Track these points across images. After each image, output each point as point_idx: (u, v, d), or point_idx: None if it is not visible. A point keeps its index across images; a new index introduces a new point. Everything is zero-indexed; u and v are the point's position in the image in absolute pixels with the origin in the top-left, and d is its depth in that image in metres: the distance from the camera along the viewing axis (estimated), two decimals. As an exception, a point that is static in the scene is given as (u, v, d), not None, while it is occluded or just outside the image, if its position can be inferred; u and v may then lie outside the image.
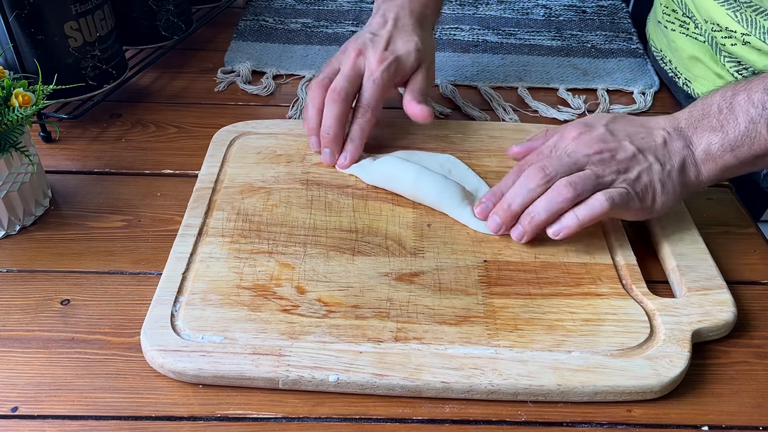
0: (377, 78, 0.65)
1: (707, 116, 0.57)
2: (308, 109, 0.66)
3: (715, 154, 0.56)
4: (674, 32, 0.84)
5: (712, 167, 0.56)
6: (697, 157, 0.56)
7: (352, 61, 0.66)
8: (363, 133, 0.66)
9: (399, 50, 0.67)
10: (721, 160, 0.56)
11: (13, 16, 0.67)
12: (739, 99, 0.56)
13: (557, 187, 0.55)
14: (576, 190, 0.54)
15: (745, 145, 0.55)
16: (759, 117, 0.54)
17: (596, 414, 0.47)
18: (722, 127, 0.56)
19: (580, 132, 0.59)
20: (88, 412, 0.46)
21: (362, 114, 0.65)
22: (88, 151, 0.72)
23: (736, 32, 0.73)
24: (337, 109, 0.64)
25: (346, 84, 0.65)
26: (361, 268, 0.55)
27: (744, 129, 0.55)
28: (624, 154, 0.56)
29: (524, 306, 0.53)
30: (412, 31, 0.69)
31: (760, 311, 0.55)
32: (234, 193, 0.63)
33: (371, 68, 0.66)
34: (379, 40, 0.67)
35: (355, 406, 0.47)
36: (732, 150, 0.55)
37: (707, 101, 0.58)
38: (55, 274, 0.57)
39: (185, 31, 0.88)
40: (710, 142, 0.56)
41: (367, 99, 0.66)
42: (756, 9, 0.70)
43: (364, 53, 0.67)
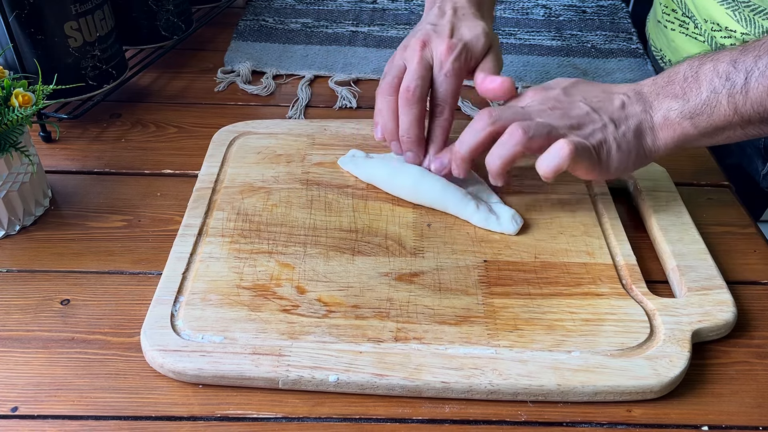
0: (449, 70, 0.61)
1: (671, 83, 0.56)
2: (382, 114, 0.63)
3: (673, 120, 0.55)
4: (674, 32, 0.84)
5: (669, 134, 0.56)
6: (655, 121, 0.56)
7: (418, 55, 0.61)
8: (444, 132, 0.63)
9: (466, 36, 0.63)
10: (680, 127, 0.55)
11: (13, 16, 0.67)
12: (705, 68, 0.55)
13: (509, 131, 0.54)
14: (527, 132, 0.53)
15: (704, 114, 0.54)
16: (722, 87, 0.53)
17: (596, 414, 0.47)
18: (684, 94, 0.55)
19: (535, 92, 0.58)
20: (88, 412, 0.46)
21: (440, 113, 0.62)
22: (88, 151, 0.72)
23: (735, 32, 0.73)
24: (415, 111, 0.61)
25: (418, 82, 0.61)
26: (361, 268, 0.55)
27: (705, 98, 0.54)
28: (577, 111, 0.56)
29: (524, 306, 0.53)
30: (473, 17, 0.65)
31: (760, 311, 0.55)
32: (234, 193, 0.63)
33: (441, 59, 0.62)
34: (442, 29, 0.63)
35: (355, 406, 0.47)
36: (691, 118, 0.55)
37: (674, 69, 0.57)
38: (55, 274, 0.57)
39: (185, 31, 0.88)
40: (670, 108, 0.55)
41: (443, 95, 0.62)
42: (755, 9, 0.70)
43: (429, 44, 0.62)
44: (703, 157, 0.73)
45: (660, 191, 0.64)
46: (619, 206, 0.63)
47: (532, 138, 0.53)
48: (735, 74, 0.53)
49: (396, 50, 0.66)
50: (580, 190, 0.64)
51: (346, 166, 0.66)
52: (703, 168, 0.71)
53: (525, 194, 0.64)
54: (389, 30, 0.97)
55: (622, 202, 0.65)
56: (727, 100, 0.53)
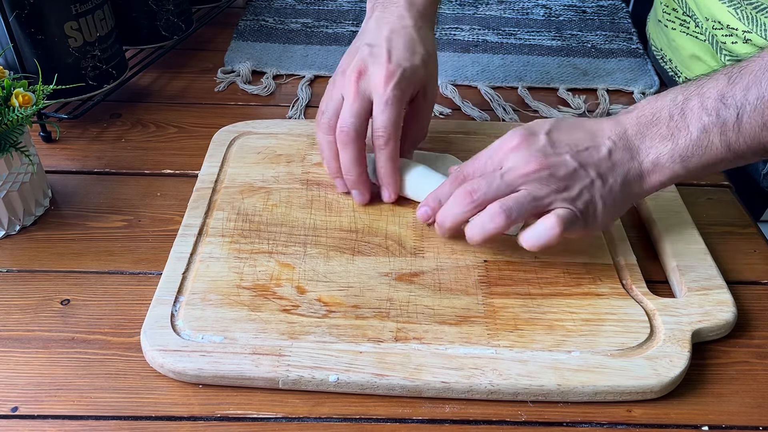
0: (389, 98, 0.58)
1: (657, 123, 0.53)
2: (323, 154, 0.61)
3: (664, 164, 0.52)
4: (674, 31, 0.84)
5: (659, 177, 0.53)
6: (644, 168, 0.53)
7: (354, 88, 0.58)
8: (393, 163, 0.59)
9: (404, 61, 0.59)
10: (670, 170, 0.52)
11: (13, 16, 0.67)
12: (691, 104, 0.52)
13: (490, 211, 0.51)
14: (509, 216, 0.50)
15: (696, 155, 0.52)
16: (712, 125, 0.51)
17: (596, 414, 0.47)
18: (672, 135, 0.52)
19: (519, 142, 0.53)
20: (88, 412, 0.46)
21: (384, 144, 0.58)
22: (88, 151, 0.72)
23: (737, 30, 0.73)
24: (351, 151, 0.59)
25: (354, 120, 0.58)
26: (361, 268, 0.55)
27: (696, 138, 0.51)
28: (564, 170, 0.52)
29: (524, 306, 0.53)
30: (414, 33, 0.62)
31: (760, 311, 0.55)
32: (234, 193, 0.63)
33: (379, 90, 0.58)
34: (378, 51, 0.60)
35: (355, 406, 0.47)
36: (682, 160, 0.52)
37: (657, 106, 0.53)
38: (55, 274, 0.57)
39: (185, 31, 0.88)
40: (659, 152, 0.52)
41: (385, 125, 0.58)
42: (757, 6, 0.70)
43: (365, 73, 0.59)
44: (703, 157, 0.73)
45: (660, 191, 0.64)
46: (619, 206, 0.63)
47: (514, 219, 0.51)
48: (725, 111, 0.50)
49: (334, 75, 0.62)
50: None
51: None
52: (703, 168, 0.71)
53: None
54: (389, 30, 0.97)
55: (622, 202, 0.65)
56: (719, 138, 0.51)
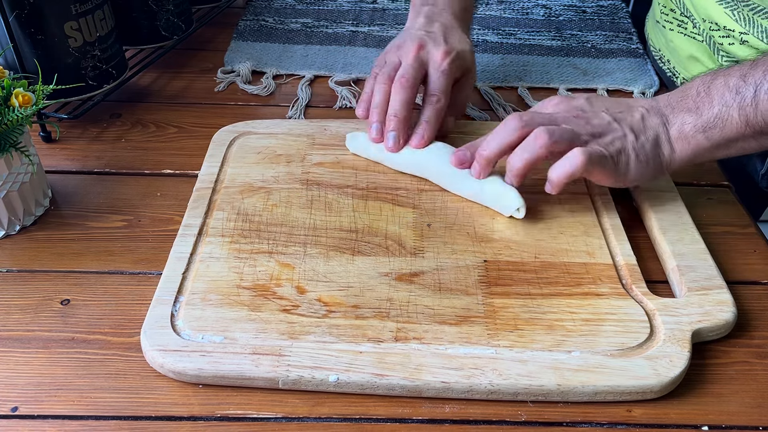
0: (446, 69, 0.66)
1: (685, 98, 0.59)
2: (375, 97, 0.66)
3: (687, 133, 0.57)
4: (672, 32, 0.84)
5: (684, 146, 0.58)
6: (671, 134, 0.58)
7: (414, 53, 0.66)
8: (438, 117, 0.66)
9: (458, 46, 0.68)
10: (694, 140, 0.57)
11: (13, 16, 0.67)
12: (716, 83, 0.57)
13: (535, 132, 0.56)
14: (552, 136, 0.55)
15: (717, 127, 0.56)
16: (732, 101, 0.55)
17: (596, 414, 0.47)
18: (697, 108, 0.57)
19: (561, 100, 0.61)
20: (88, 412, 0.46)
21: (436, 101, 0.66)
22: (88, 151, 0.72)
23: (734, 31, 0.73)
24: (406, 95, 0.65)
25: (413, 72, 0.65)
26: (361, 268, 0.55)
27: (717, 111, 0.56)
28: (599, 120, 0.58)
29: (524, 306, 0.53)
30: (462, 33, 0.71)
31: (760, 311, 0.55)
32: (234, 193, 0.63)
33: (437, 60, 0.66)
34: (436, 36, 0.68)
35: (355, 406, 0.47)
36: (704, 131, 0.57)
37: (688, 85, 0.59)
38: (55, 274, 0.57)
39: (185, 31, 0.88)
40: (684, 121, 0.58)
41: (439, 87, 0.66)
42: (754, 8, 0.70)
43: (425, 47, 0.67)
44: (703, 157, 0.73)
45: (660, 191, 0.64)
46: (619, 206, 0.63)
47: (556, 142, 0.56)
48: (744, 88, 0.55)
49: (388, 47, 0.70)
50: (580, 189, 0.64)
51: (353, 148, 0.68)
52: (703, 168, 0.71)
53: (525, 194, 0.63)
54: (389, 30, 0.97)
55: (622, 202, 0.65)
56: (738, 113, 0.55)
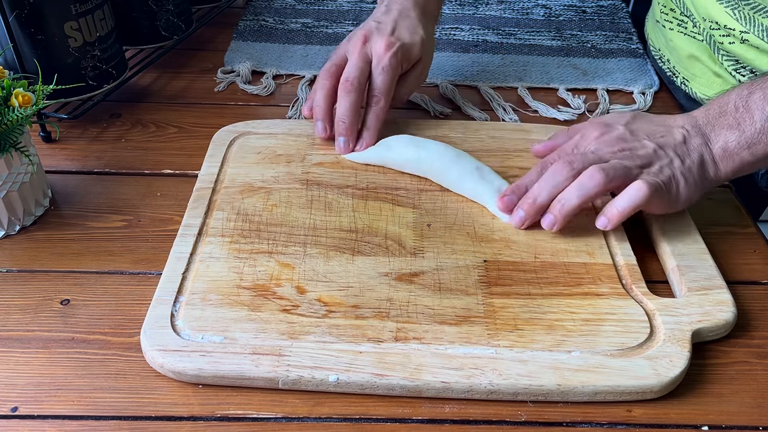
0: (386, 65, 0.66)
1: (724, 114, 0.58)
2: (316, 94, 0.67)
3: (732, 151, 0.57)
4: (672, 31, 0.84)
5: (729, 164, 0.58)
6: (715, 154, 0.58)
7: (359, 49, 0.66)
8: (378, 120, 0.67)
9: (405, 37, 0.68)
10: (738, 157, 0.57)
11: (13, 16, 0.67)
12: (755, 97, 0.57)
13: (588, 172, 0.55)
14: (608, 175, 0.55)
15: (761, 142, 0.56)
16: None
17: (596, 414, 0.47)
18: (739, 125, 0.57)
19: (602, 132, 0.60)
20: (88, 412, 0.46)
21: (376, 102, 0.67)
22: (88, 151, 0.72)
23: (734, 30, 0.73)
24: (352, 99, 0.65)
25: (357, 73, 0.65)
26: (361, 268, 0.55)
27: (760, 127, 0.56)
28: (645, 150, 0.58)
29: (524, 306, 0.53)
30: (417, 21, 0.70)
31: (760, 311, 0.55)
32: (234, 193, 0.63)
33: (379, 55, 0.67)
34: (384, 27, 0.68)
35: (355, 406, 0.47)
36: (749, 147, 0.57)
37: (724, 99, 0.59)
38: (55, 274, 0.57)
39: (185, 31, 0.88)
40: (727, 139, 0.57)
41: (379, 87, 0.67)
42: (754, 7, 0.70)
43: (369, 40, 0.67)
44: (703, 157, 0.73)
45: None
46: (619, 206, 0.63)
47: (611, 180, 0.55)
48: None
49: (341, 43, 0.70)
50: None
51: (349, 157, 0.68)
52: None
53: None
54: (389, 30, 0.97)
55: (622, 202, 0.65)
56: None
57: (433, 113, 0.79)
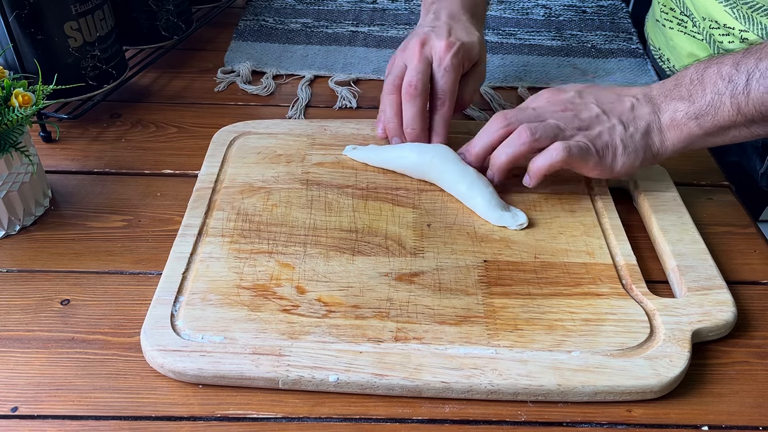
0: (448, 65, 0.65)
1: (678, 86, 0.59)
2: (385, 111, 0.67)
3: (680, 121, 0.58)
4: (672, 30, 0.84)
5: (677, 134, 0.58)
6: (662, 122, 0.58)
7: (417, 52, 0.65)
8: (446, 123, 0.66)
9: (463, 37, 0.67)
10: (686, 128, 0.58)
11: (13, 16, 0.67)
12: (709, 71, 0.57)
13: (517, 131, 0.58)
14: (534, 134, 0.57)
15: (709, 114, 0.56)
16: (725, 89, 0.56)
17: (596, 414, 0.47)
18: (690, 96, 0.57)
19: (552, 93, 0.62)
20: (88, 412, 0.46)
21: (441, 105, 0.66)
22: (88, 151, 0.72)
23: (734, 29, 0.73)
24: (417, 105, 0.65)
25: (419, 76, 0.65)
26: (361, 268, 0.55)
27: (709, 99, 0.56)
28: (588, 113, 0.59)
29: (524, 306, 0.53)
30: (469, 24, 0.70)
31: (760, 311, 0.55)
32: (234, 193, 0.63)
33: (440, 55, 0.65)
34: (440, 30, 0.67)
35: (355, 406, 0.47)
36: (696, 118, 0.57)
37: (682, 73, 0.59)
38: (55, 274, 0.57)
39: (185, 31, 0.88)
40: (676, 109, 0.58)
41: (443, 88, 0.66)
42: (753, 6, 0.70)
43: (428, 43, 0.66)
44: (703, 157, 0.73)
45: (660, 191, 0.64)
46: (619, 206, 0.63)
47: (538, 139, 0.57)
48: (737, 76, 0.55)
49: (396, 52, 0.69)
50: (580, 189, 0.64)
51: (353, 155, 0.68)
52: (703, 168, 0.71)
53: (525, 194, 0.64)
54: (389, 30, 0.97)
55: (622, 202, 0.65)
56: (730, 101, 0.55)
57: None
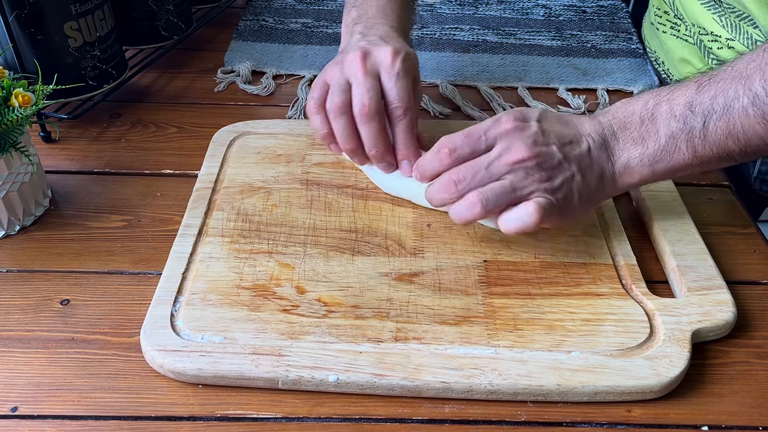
0: (400, 70, 0.59)
1: (629, 126, 0.55)
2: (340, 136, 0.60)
3: (633, 168, 0.54)
4: (665, 34, 0.84)
5: (627, 180, 0.55)
6: (616, 169, 0.55)
7: (361, 66, 0.58)
8: (410, 134, 0.60)
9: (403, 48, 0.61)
10: (638, 174, 0.55)
11: (13, 16, 0.67)
12: (661, 110, 0.54)
13: (469, 199, 0.53)
14: (486, 206, 0.52)
15: (663, 160, 0.53)
16: (680, 132, 0.52)
17: (596, 414, 0.47)
18: (643, 139, 0.54)
19: (513, 127, 0.54)
20: (88, 412, 0.46)
21: (402, 114, 0.59)
22: (88, 151, 0.72)
23: (721, 37, 0.73)
24: (375, 125, 0.58)
25: (370, 94, 0.58)
26: (360, 268, 0.55)
27: (664, 144, 0.53)
28: (550, 161, 0.53)
29: (524, 306, 0.53)
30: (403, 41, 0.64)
31: (760, 311, 0.55)
32: (234, 193, 0.63)
33: (387, 63, 0.59)
34: (376, 41, 0.61)
35: (355, 406, 0.47)
36: (651, 165, 0.54)
37: (629, 109, 0.55)
38: (55, 274, 0.57)
39: (185, 31, 0.88)
40: (630, 156, 0.54)
41: (400, 96, 0.59)
42: (739, 15, 0.70)
43: (370, 54, 0.60)
44: (703, 157, 0.73)
45: (660, 191, 0.64)
46: (619, 206, 0.63)
47: (490, 210, 0.52)
48: (692, 118, 0.52)
49: (325, 69, 0.62)
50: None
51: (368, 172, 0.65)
52: (703, 168, 0.71)
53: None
54: (389, 30, 0.97)
55: (622, 203, 0.65)
56: (686, 145, 0.53)
57: (433, 113, 0.79)
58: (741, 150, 0.52)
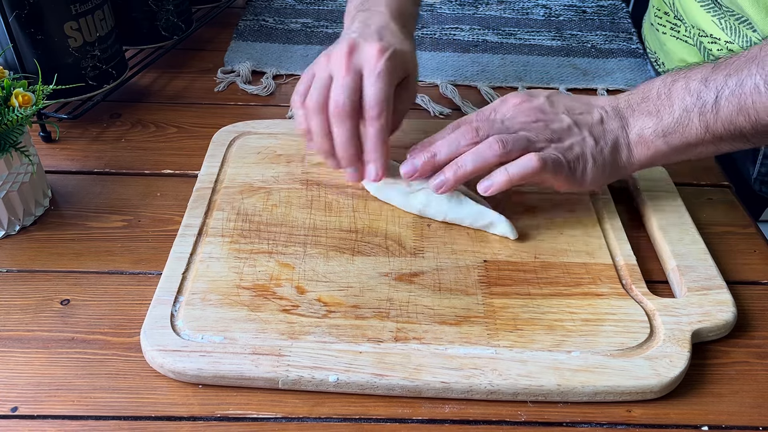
0: (381, 69, 0.55)
1: (646, 100, 0.57)
2: (314, 135, 0.58)
3: (647, 138, 0.56)
4: (665, 35, 0.84)
5: (643, 151, 0.57)
6: (630, 139, 0.57)
7: (345, 62, 0.56)
8: (382, 141, 0.57)
9: (396, 44, 0.58)
10: (653, 145, 0.56)
11: (13, 16, 0.67)
12: (677, 86, 0.56)
13: (489, 141, 0.55)
14: (506, 146, 0.54)
15: (677, 132, 0.55)
16: (693, 106, 0.54)
17: (596, 414, 0.47)
18: (658, 112, 0.56)
19: (522, 100, 0.58)
20: (88, 412, 0.46)
21: (375, 117, 0.56)
22: (88, 151, 0.72)
23: (720, 39, 0.73)
24: (347, 127, 0.56)
25: (347, 93, 0.55)
26: (361, 268, 0.55)
27: (678, 116, 0.55)
28: (559, 124, 0.57)
29: (524, 306, 0.53)
30: (401, 34, 0.61)
31: (760, 311, 0.55)
32: (234, 193, 0.63)
33: (371, 62, 0.56)
34: (369, 36, 0.58)
35: (355, 406, 0.47)
36: (664, 136, 0.55)
37: (649, 86, 0.58)
38: (55, 274, 0.57)
39: (185, 31, 0.88)
40: (644, 126, 0.56)
41: (376, 99, 0.55)
42: (738, 18, 0.70)
43: (356, 49, 0.57)
44: (703, 157, 0.73)
45: (660, 191, 0.64)
46: (619, 206, 0.63)
47: (509, 152, 0.54)
48: (706, 93, 0.54)
49: (318, 58, 0.60)
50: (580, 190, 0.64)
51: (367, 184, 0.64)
52: (703, 168, 0.71)
53: (525, 194, 0.64)
54: (389, 30, 0.96)
55: (622, 202, 0.65)
56: (698, 118, 0.54)
57: (433, 113, 0.79)
58: (752, 127, 0.53)
